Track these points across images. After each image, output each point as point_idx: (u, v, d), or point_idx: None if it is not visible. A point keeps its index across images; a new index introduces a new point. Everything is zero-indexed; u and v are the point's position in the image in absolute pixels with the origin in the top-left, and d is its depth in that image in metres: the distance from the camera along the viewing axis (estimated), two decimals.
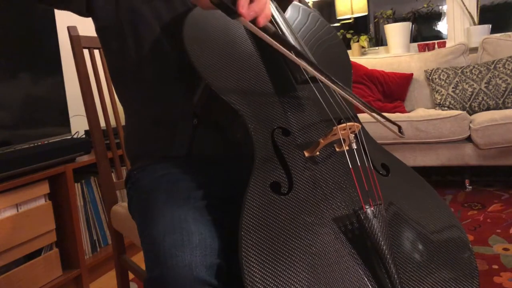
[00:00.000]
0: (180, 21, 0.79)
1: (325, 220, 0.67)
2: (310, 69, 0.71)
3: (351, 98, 0.77)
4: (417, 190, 0.81)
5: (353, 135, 0.74)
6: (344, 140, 0.74)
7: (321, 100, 0.81)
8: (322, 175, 0.72)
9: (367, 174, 0.75)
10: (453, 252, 0.72)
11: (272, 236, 0.61)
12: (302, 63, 0.70)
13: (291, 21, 0.94)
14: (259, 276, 0.57)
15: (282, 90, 0.80)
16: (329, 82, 0.73)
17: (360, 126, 0.76)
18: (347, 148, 0.75)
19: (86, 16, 0.88)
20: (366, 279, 0.63)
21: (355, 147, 0.74)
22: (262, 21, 0.64)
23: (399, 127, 0.83)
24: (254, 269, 0.58)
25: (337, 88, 0.74)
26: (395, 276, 0.62)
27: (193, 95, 0.81)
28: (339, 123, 0.81)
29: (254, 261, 0.58)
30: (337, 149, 0.77)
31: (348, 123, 0.72)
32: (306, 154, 0.74)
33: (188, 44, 0.76)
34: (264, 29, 0.65)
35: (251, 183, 0.66)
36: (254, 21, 0.63)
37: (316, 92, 0.82)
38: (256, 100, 0.76)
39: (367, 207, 0.67)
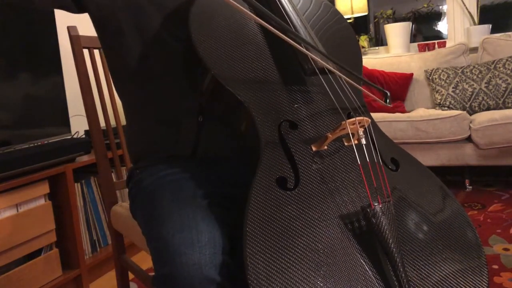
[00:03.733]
0: (184, 11, 0.76)
1: (332, 217, 0.65)
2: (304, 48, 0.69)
3: (353, 82, 0.75)
4: (427, 185, 0.80)
5: (362, 130, 0.71)
6: (353, 134, 0.72)
7: (330, 93, 0.78)
8: (329, 170, 0.71)
9: (376, 170, 0.73)
10: (462, 248, 0.71)
11: (277, 233, 0.60)
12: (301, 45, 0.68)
13: (295, 3, 0.91)
14: (263, 273, 0.56)
15: (290, 82, 0.78)
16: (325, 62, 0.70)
17: (369, 120, 0.73)
18: (356, 142, 0.72)
19: (77, 12, 0.85)
20: (372, 277, 0.62)
21: (364, 142, 0.72)
22: None
23: (387, 94, 0.79)
24: (258, 266, 0.57)
25: (338, 72, 0.72)
26: (403, 274, 0.61)
27: (200, 87, 0.79)
28: (349, 116, 0.79)
29: (259, 257, 0.57)
30: (346, 144, 0.75)
31: (357, 118, 0.70)
32: (314, 148, 0.72)
33: (194, 33, 0.73)
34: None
35: (257, 178, 0.64)
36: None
37: (325, 84, 0.79)
38: (263, 92, 0.74)
39: (375, 204, 0.65)
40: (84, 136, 2.00)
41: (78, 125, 2.06)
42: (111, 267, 1.85)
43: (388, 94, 0.80)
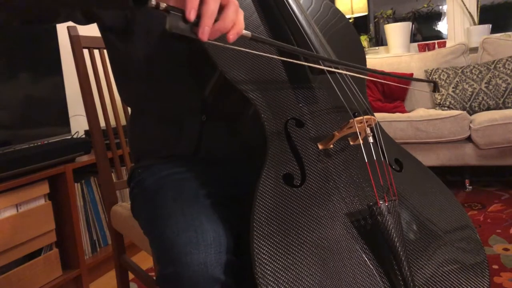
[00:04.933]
0: None
1: (338, 214, 0.66)
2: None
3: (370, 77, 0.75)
4: (429, 186, 0.81)
5: (369, 129, 0.72)
6: (360, 133, 0.72)
7: (338, 92, 0.79)
8: (335, 168, 0.71)
9: (382, 169, 0.74)
10: (463, 248, 0.72)
11: (283, 229, 0.61)
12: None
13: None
14: (269, 269, 0.57)
15: (297, 80, 0.78)
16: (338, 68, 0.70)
17: (376, 119, 0.74)
18: (362, 141, 0.73)
19: (85, 24, 0.84)
20: (377, 275, 0.62)
21: (372, 141, 0.72)
22: (232, 37, 0.56)
23: (435, 84, 0.80)
24: (265, 261, 0.57)
25: (353, 74, 0.72)
26: (408, 273, 0.62)
27: (205, 86, 0.79)
28: (354, 116, 0.79)
29: (265, 253, 0.58)
30: (351, 143, 0.75)
31: (365, 116, 0.70)
32: (320, 146, 0.72)
33: None
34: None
35: (263, 174, 0.65)
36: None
37: (333, 83, 0.80)
38: (270, 90, 0.74)
39: (381, 202, 0.66)
40: (84, 136, 2.00)
41: (78, 125, 2.06)
42: (111, 267, 1.85)
43: (437, 84, 0.80)
